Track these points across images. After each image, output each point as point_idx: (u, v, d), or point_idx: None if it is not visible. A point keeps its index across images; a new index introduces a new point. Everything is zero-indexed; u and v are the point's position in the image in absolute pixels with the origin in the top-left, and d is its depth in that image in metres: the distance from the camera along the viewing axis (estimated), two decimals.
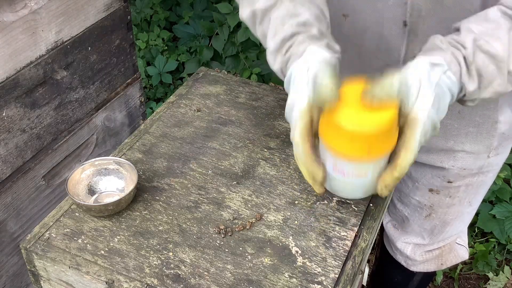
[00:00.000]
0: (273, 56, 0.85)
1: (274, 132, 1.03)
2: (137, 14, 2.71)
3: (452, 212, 1.25)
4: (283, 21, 0.83)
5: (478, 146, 1.12)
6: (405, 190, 1.27)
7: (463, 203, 1.24)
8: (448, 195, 1.21)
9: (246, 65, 2.41)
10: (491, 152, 1.13)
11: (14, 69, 1.05)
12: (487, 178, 1.20)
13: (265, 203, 0.88)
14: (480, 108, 1.06)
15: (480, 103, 0.82)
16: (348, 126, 0.72)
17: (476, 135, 1.10)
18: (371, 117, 0.72)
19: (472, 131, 1.10)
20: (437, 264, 1.38)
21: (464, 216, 1.29)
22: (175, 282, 0.76)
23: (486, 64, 0.76)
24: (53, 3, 1.09)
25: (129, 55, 1.36)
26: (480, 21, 0.78)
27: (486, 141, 1.11)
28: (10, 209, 1.13)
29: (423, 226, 1.30)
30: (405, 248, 1.36)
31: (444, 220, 1.27)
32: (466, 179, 1.18)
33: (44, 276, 0.84)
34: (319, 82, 0.75)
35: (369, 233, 0.85)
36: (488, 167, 1.17)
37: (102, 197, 0.89)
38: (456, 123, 1.09)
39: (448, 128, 1.10)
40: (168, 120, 1.05)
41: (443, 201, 1.23)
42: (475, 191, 1.22)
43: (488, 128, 1.09)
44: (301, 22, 0.82)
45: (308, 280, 0.76)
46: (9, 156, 1.09)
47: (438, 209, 1.25)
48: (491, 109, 1.06)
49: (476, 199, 1.25)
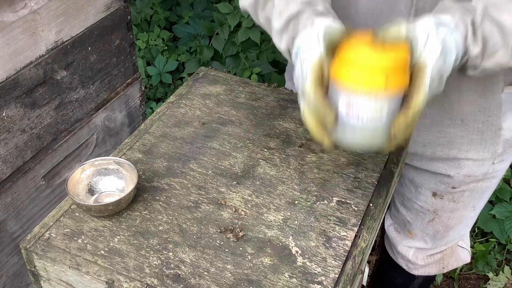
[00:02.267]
0: (278, 36, 0.85)
1: (274, 132, 1.03)
2: (137, 14, 2.71)
3: (456, 217, 1.24)
4: (287, 0, 0.83)
5: (482, 153, 1.11)
6: (408, 194, 1.26)
7: (467, 208, 1.23)
8: (452, 199, 1.21)
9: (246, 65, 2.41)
10: (496, 159, 1.12)
11: (14, 69, 1.05)
12: (491, 184, 1.20)
13: (265, 203, 0.88)
14: (483, 114, 1.05)
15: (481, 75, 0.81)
16: (366, 59, 0.74)
17: (480, 143, 1.09)
18: (386, 53, 0.74)
19: (475, 139, 1.09)
20: (439, 267, 1.38)
21: (468, 220, 1.28)
22: (175, 282, 0.76)
23: (493, 33, 0.76)
24: (53, 3, 1.09)
25: (129, 55, 1.36)
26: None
27: (490, 148, 1.10)
28: (10, 209, 1.13)
29: (426, 231, 1.29)
30: (407, 252, 1.35)
31: (447, 224, 1.26)
32: (470, 185, 1.17)
33: (44, 276, 0.83)
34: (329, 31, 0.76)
35: (369, 233, 0.85)
36: (493, 173, 1.16)
37: (102, 197, 0.89)
38: (459, 131, 1.08)
39: (451, 137, 1.09)
40: (168, 120, 1.05)
41: (446, 206, 1.22)
42: (479, 196, 1.21)
43: (492, 135, 1.08)
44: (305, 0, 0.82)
45: (308, 280, 0.76)
46: (9, 156, 1.09)
47: (441, 214, 1.24)
48: (493, 115, 1.05)
49: (480, 203, 1.25)
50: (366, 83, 0.75)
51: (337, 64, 0.77)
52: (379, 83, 0.74)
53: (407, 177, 1.24)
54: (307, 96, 0.77)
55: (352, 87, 0.75)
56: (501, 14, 0.76)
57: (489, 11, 0.76)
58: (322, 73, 0.76)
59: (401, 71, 0.75)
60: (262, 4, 0.88)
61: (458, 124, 1.07)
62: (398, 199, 1.31)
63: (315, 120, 0.78)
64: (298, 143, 1.00)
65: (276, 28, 0.84)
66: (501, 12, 0.76)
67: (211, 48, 2.54)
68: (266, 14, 0.88)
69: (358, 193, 0.91)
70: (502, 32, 0.76)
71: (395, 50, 0.74)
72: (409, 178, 1.24)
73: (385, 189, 0.92)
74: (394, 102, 0.76)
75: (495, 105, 1.04)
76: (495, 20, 0.76)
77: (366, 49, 0.75)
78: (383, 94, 0.75)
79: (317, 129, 0.79)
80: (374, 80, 0.74)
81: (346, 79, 0.76)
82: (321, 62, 0.76)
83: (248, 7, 0.91)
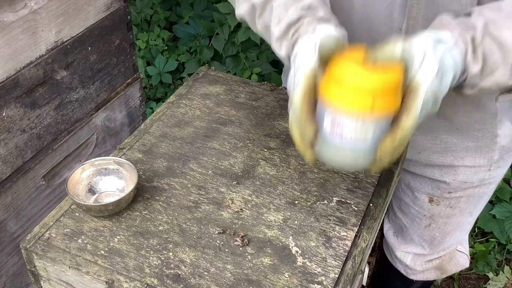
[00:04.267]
0: (278, 43, 0.83)
1: (274, 132, 1.03)
2: (137, 14, 2.71)
3: (453, 223, 1.24)
4: (286, 7, 0.81)
5: (478, 160, 1.10)
6: (405, 199, 1.26)
7: (463, 214, 1.22)
8: (449, 205, 1.20)
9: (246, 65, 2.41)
10: (492, 166, 1.12)
11: (14, 69, 1.05)
12: (488, 190, 1.19)
13: (265, 203, 0.88)
14: (478, 123, 1.04)
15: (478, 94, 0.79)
16: (353, 79, 0.71)
17: (476, 150, 1.09)
18: (375, 74, 0.71)
19: (471, 146, 1.08)
20: (437, 273, 1.37)
21: (465, 226, 1.28)
22: (175, 282, 0.76)
23: (493, 51, 0.73)
24: (53, 3, 1.09)
25: (129, 55, 1.36)
26: (493, 9, 0.76)
27: (486, 155, 1.09)
28: (10, 209, 1.13)
29: (423, 237, 1.28)
30: (405, 258, 1.34)
31: (444, 230, 1.25)
32: (467, 191, 1.17)
33: (44, 276, 0.83)
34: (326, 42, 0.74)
35: (369, 233, 0.85)
36: (489, 179, 1.15)
37: (102, 197, 0.89)
38: (454, 139, 1.08)
39: (447, 144, 1.09)
40: (168, 120, 1.05)
41: (443, 212, 1.21)
42: (476, 202, 1.21)
43: (488, 142, 1.07)
44: (305, 5, 0.80)
45: (308, 280, 0.76)
46: (9, 156, 1.09)
47: (438, 219, 1.23)
48: (489, 123, 1.05)
49: (477, 209, 1.24)
50: (351, 103, 0.71)
51: (325, 79, 0.74)
52: (365, 105, 0.71)
53: (404, 182, 1.24)
54: (294, 106, 0.75)
55: (337, 105, 0.72)
56: (501, 31, 0.73)
57: (489, 28, 0.74)
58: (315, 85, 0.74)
59: (391, 94, 0.72)
60: (259, 12, 0.86)
61: (453, 132, 1.07)
62: (395, 204, 1.31)
63: (297, 132, 0.76)
64: None
65: (276, 35, 0.82)
66: (501, 29, 0.73)
67: (211, 48, 2.54)
68: (264, 22, 0.86)
69: (358, 193, 0.91)
70: (502, 50, 0.73)
71: (386, 71, 0.71)
72: (405, 183, 1.23)
73: (385, 189, 0.92)
74: (381, 125, 0.73)
75: (491, 114, 1.03)
76: (495, 37, 0.73)
77: (356, 67, 0.71)
78: (369, 116, 0.71)
79: (300, 142, 0.77)
80: (360, 102, 0.71)
81: (332, 96, 0.73)
82: (314, 73, 0.74)
83: (245, 15, 0.89)
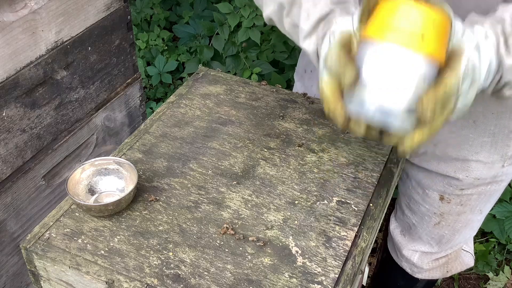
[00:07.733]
0: (308, 38, 0.81)
1: (274, 132, 1.03)
2: (137, 14, 2.71)
3: (462, 220, 1.23)
4: (315, 2, 0.80)
5: (492, 155, 1.10)
6: (415, 196, 1.25)
7: (474, 211, 1.22)
8: (460, 203, 1.19)
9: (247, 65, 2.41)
10: (506, 162, 1.11)
11: (14, 69, 1.05)
12: (500, 187, 1.19)
13: (265, 203, 0.88)
14: (495, 118, 1.04)
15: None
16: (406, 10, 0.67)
17: (491, 145, 1.08)
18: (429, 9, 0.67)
19: (487, 141, 1.08)
20: (443, 271, 1.37)
21: (474, 224, 1.28)
22: (175, 282, 0.76)
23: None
24: (53, 3, 1.09)
25: (129, 55, 1.36)
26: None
27: (501, 150, 1.09)
28: (10, 209, 1.13)
29: (431, 235, 1.28)
30: (412, 256, 1.34)
31: (453, 228, 1.25)
32: (479, 188, 1.16)
33: (44, 276, 0.83)
34: None
35: (369, 233, 0.85)
36: (502, 176, 1.15)
37: (102, 197, 0.89)
38: (471, 133, 1.07)
39: (463, 138, 1.08)
40: (168, 120, 1.05)
41: (453, 209, 1.21)
42: (486, 199, 1.20)
43: (503, 137, 1.07)
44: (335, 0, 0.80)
45: (308, 280, 0.76)
46: (9, 156, 1.09)
47: (448, 217, 1.23)
48: (506, 118, 1.04)
49: (487, 206, 1.24)
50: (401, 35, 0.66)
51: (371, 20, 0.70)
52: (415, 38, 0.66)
53: (415, 179, 1.23)
54: (329, 57, 0.72)
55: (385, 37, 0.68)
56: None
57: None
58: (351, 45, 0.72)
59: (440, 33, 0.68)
60: (287, 10, 0.84)
61: (470, 125, 1.06)
62: (404, 201, 1.30)
63: (333, 88, 0.73)
64: (298, 143, 1.00)
65: (305, 30, 0.81)
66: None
67: (211, 48, 2.54)
68: (292, 19, 0.85)
69: (358, 193, 0.91)
70: None
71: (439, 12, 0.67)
72: (416, 180, 1.22)
73: (385, 189, 0.92)
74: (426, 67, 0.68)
75: (508, 108, 1.03)
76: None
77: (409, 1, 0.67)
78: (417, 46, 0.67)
79: (333, 98, 0.73)
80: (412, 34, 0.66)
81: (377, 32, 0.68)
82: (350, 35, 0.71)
83: (272, 15, 0.88)
